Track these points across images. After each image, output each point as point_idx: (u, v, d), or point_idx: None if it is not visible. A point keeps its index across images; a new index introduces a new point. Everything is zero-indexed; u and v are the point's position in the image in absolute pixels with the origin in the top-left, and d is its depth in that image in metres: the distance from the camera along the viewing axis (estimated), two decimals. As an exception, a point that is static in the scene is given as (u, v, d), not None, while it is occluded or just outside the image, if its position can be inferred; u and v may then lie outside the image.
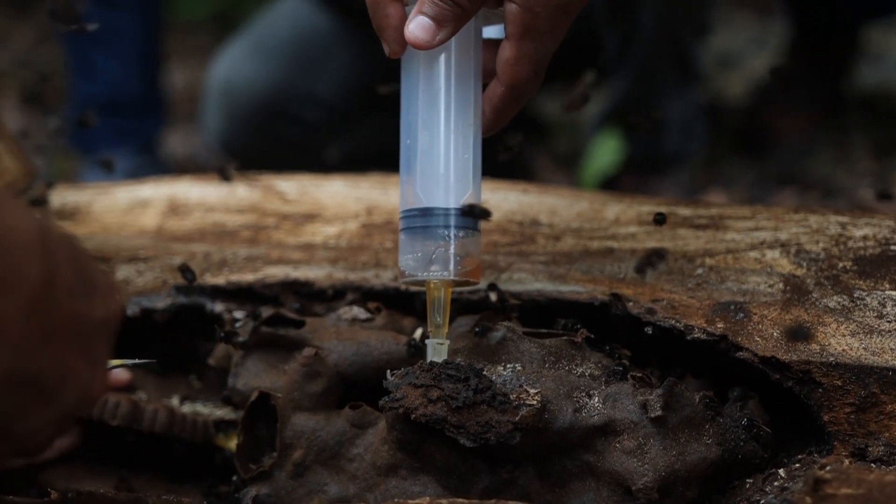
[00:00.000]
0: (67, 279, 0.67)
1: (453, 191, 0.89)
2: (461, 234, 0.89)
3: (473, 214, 0.89)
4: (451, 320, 0.95)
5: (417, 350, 0.96)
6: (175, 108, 3.25)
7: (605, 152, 2.16)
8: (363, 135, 2.00)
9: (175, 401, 1.10)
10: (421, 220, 0.90)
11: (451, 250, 0.89)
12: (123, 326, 1.08)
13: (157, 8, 2.44)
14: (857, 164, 2.51)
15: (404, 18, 0.89)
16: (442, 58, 0.91)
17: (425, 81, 0.91)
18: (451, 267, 0.90)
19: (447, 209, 0.89)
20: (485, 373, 0.89)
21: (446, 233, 0.89)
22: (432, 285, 0.90)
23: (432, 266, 0.90)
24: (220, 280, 1.09)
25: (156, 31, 2.44)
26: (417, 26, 0.88)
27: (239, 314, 1.06)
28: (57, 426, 0.69)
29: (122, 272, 1.13)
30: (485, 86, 0.92)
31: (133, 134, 2.38)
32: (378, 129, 1.98)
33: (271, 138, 1.95)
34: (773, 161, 2.50)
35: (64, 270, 0.66)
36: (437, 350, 0.90)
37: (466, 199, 0.90)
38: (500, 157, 1.00)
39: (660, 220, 1.00)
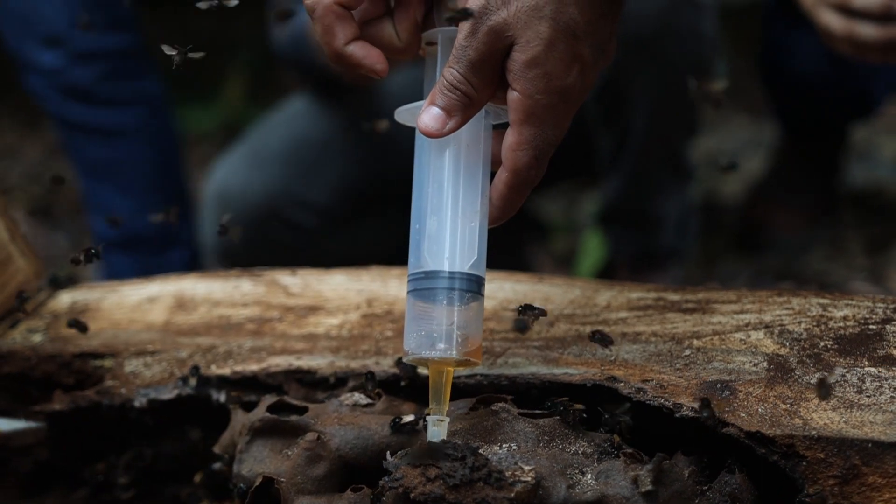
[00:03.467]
0: None
1: (458, 261, 0.94)
2: (467, 297, 0.94)
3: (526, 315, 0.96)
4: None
5: (400, 427, 0.99)
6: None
7: (593, 250, 2.22)
8: (357, 238, 2.06)
9: None
10: (427, 283, 0.94)
11: (455, 331, 0.93)
12: (131, 417, 1.13)
13: (168, 136, 2.31)
14: (852, 259, 2.55)
15: (366, 46, 0.96)
16: (452, 147, 0.96)
17: (435, 169, 0.97)
18: (454, 346, 0.94)
19: (452, 272, 0.94)
20: (481, 452, 0.92)
21: (451, 296, 0.93)
22: (435, 364, 0.94)
23: (436, 345, 0.94)
24: (225, 371, 1.13)
25: (169, 159, 2.30)
26: (428, 116, 0.93)
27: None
28: None
29: (131, 366, 1.17)
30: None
31: (159, 270, 2.15)
32: (371, 233, 2.04)
33: (267, 243, 2.00)
34: (769, 258, 2.54)
35: None
36: (438, 426, 0.94)
37: (471, 265, 0.94)
38: None
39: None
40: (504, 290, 1.18)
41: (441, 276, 0.94)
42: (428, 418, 0.95)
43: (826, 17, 1.63)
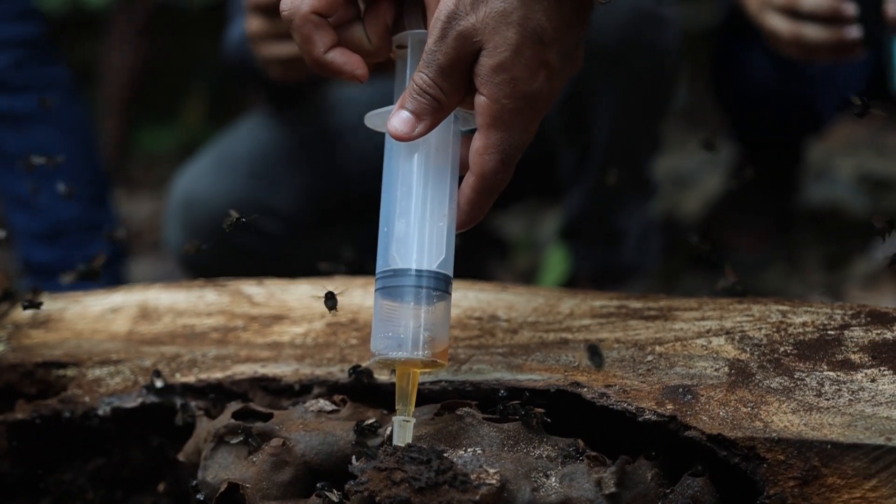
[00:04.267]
0: None
1: (426, 260, 0.95)
2: (435, 295, 0.95)
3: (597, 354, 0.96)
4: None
5: (362, 431, 0.99)
6: (140, 237, 3.29)
7: (556, 265, 2.23)
8: (323, 246, 2.05)
9: None
10: (395, 280, 0.95)
11: (422, 332, 0.94)
12: (95, 426, 1.13)
13: (82, 122, 2.31)
14: (809, 276, 2.58)
15: (346, 52, 0.97)
16: (421, 151, 0.97)
17: (404, 173, 0.98)
18: (421, 347, 0.94)
19: (420, 270, 0.95)
20: (446, 455, 0.93)
21: (419, 294, 0.94)
22: (401, 365, 0.95)
23: (403, 346, 0.94)
24: (190, 378, 1.13)
25: (86, 146, 2.29)
26: (398, 119, 0.95)
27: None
28: None
29: (94, 375, 1.17)
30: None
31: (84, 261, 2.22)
32: (337, 242, 2.03)
33: (231, 249, 1.99)
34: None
35: None
36: (403, 427, 0.94)
37: (439, 264, 0.95)
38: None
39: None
40: (468, 298, 1.19)
41: (409, 275, 0.95)
42: (394, 419, 0.95)
43: (773, 21, 1.65)
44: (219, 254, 1.94)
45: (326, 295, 1.06)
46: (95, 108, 3.88)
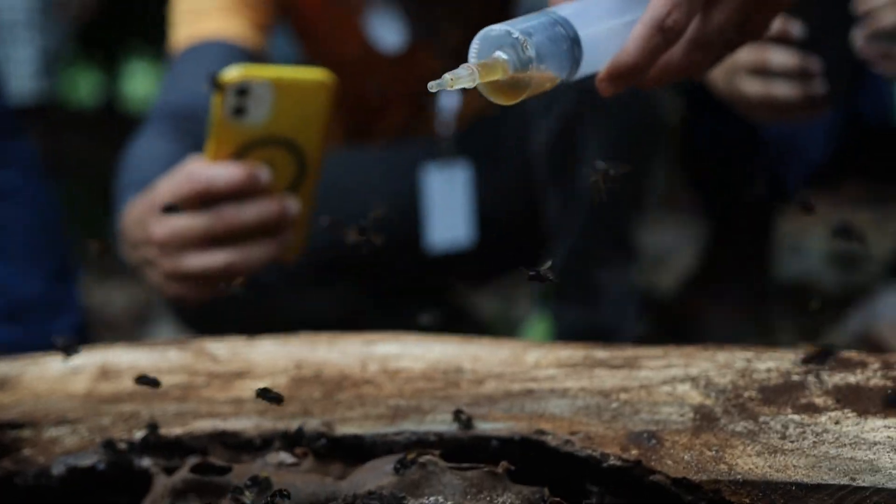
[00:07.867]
0: None
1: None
2: (561, 37, 0.92)
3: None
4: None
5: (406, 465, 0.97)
6: (116, 327, 3.24)
7: (537, 335, 2.20)
8: (319, 302, 2.01)
9: None
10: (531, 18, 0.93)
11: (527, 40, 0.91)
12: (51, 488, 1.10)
13: (44, 198, 2.19)
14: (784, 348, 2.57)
15: None
16: None
17: None
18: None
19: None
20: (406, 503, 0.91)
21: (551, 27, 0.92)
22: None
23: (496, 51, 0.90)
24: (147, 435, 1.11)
25: (49, 223, 2.18)
26: None
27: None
28: None
29: (50, 434, 1.15)
30: None
31: (46, 339, 2.12)
32: (334, 300, 1.98)
33: (224, 297, 1.95)
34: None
35: None
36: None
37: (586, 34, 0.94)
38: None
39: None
40: (433, 351, 1.18)
41: (546, 14, 0.93)
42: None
43: (744, 85, 1.66)
44: (212, 300, 1.90)
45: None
46: (71, 197, 3.87)
